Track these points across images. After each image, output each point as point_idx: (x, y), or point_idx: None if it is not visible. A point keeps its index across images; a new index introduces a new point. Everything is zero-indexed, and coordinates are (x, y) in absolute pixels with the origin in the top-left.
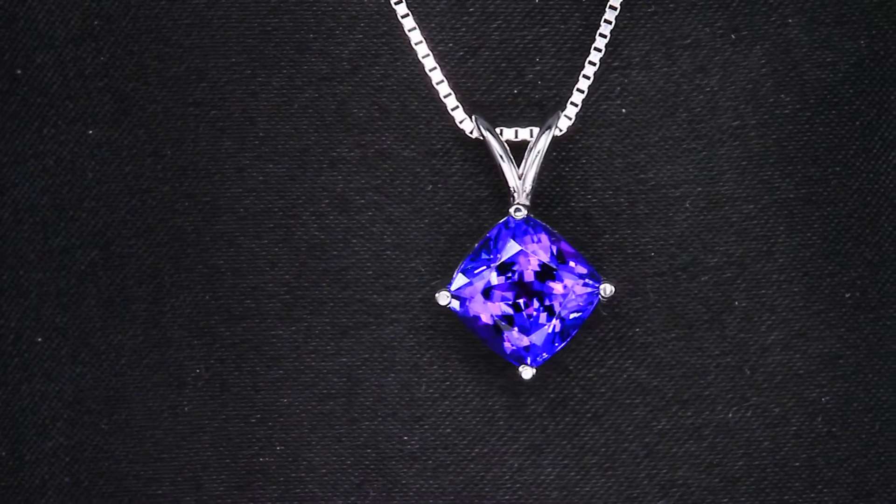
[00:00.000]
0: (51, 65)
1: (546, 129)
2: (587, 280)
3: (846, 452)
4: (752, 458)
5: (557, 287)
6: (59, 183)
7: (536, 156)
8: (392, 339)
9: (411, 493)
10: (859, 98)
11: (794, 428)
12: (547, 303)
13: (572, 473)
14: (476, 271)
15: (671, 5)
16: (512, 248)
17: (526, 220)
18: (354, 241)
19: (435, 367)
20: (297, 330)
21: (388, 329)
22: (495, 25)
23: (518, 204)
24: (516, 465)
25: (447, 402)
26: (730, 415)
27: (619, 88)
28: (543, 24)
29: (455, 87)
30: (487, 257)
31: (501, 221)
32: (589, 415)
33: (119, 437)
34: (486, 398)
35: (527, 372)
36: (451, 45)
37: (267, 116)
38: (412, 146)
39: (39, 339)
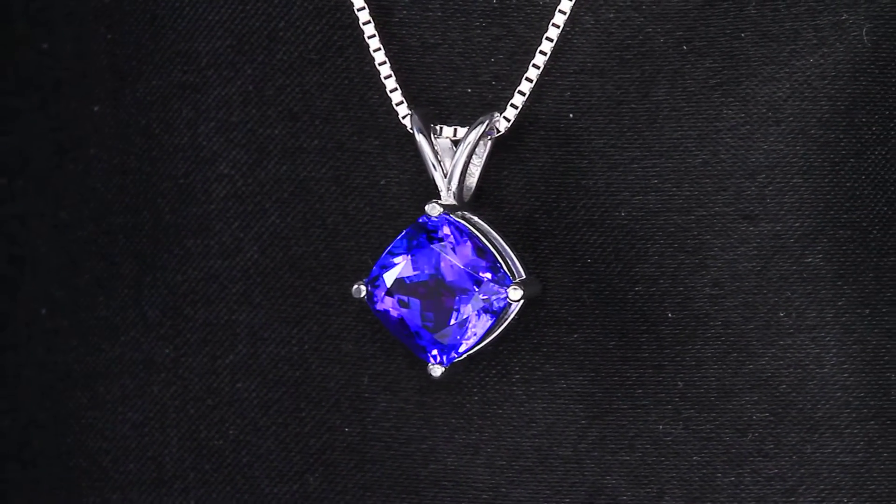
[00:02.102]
0: (70, 40)
1: (475, 128)
2: (496, 282)
3: (776, 471)
4: (681, 471)
5: (466, 286)
6: (68, 158)
7: (462, 154)
8: (340, 331)
9: (350, 485)
10: (805, 116)
11: (725, 444)
12: (455, 301)
13: (506, 475)
14: (389, 266)
15: (634, 13)
16: (423, 244)
17: (447, 218)
18: (311, 230)
19: (379, 360)
20: (254, 316)
21: (337, 320)
22: (455, 23)
23: (434, 201)
24: (451, 464)
25: (389, 396)
26: (661, 427)
27: (569, 93)
28: (501, 25)
29: (409, 82)
30: (401, 253)
31: (420, 218)
32: (526, 418)
33: (97, 412)
34: (427, 395)
35: (436, 370)
36: (411, 40)
37: (241, 102)
38: (369, 139)
39: (43, 311)
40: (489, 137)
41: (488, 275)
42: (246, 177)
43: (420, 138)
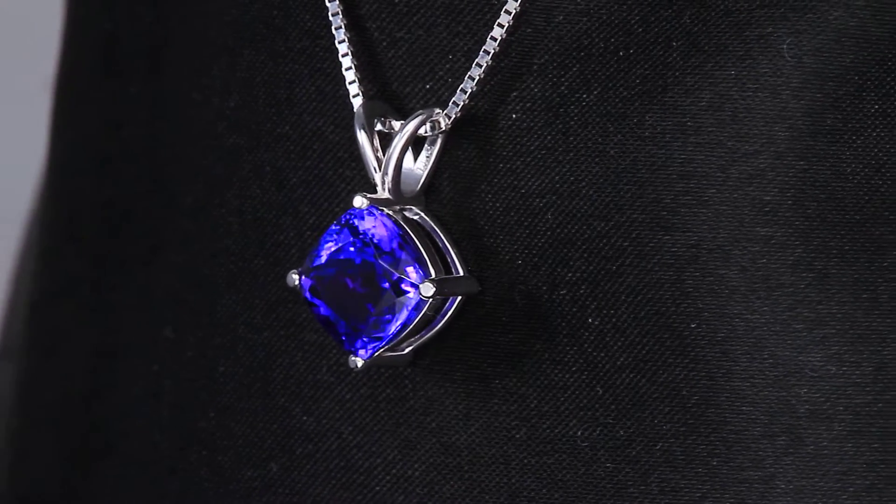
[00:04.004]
0: (123, 21)
1: (409, 122)
2: (413, 277)
3: (684, 483)
4: (594, 477)
5: (384, 280)
6: (104, 137)
7: (395, 148)
8: (305, 319)
9: (303, 474)
10: (722, 128)
11: (635, 452)
12: (374, 295)
13: (440, 471)
14: (316, 258)
15: (583, 18)
16: (345, 237)
17: (373, 211)
18: (287, 217)
19: (337, 350)
20: (236, 300)
21: (304, 308)
22: (417, 18)
23: (361, 194)
24: (390, 458)
25: (342, 387)
26: (579, 432)
27: (514, 94)
28: (459, 22)
29: (374, 76)
30: (327, 244)
31: (348, 210)
32: (463, 416)
33: (111, 392)
34: (375, 387)
35: (357, 362)
36: (377, 34)
37: (239, 88)
38: (340, 130)
39: (84, 289)
40: (436, 133)
41: (411, 269)
42: (236, 161)
43: (360, 133)
